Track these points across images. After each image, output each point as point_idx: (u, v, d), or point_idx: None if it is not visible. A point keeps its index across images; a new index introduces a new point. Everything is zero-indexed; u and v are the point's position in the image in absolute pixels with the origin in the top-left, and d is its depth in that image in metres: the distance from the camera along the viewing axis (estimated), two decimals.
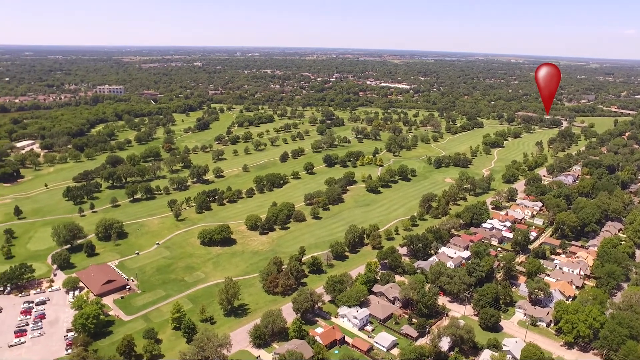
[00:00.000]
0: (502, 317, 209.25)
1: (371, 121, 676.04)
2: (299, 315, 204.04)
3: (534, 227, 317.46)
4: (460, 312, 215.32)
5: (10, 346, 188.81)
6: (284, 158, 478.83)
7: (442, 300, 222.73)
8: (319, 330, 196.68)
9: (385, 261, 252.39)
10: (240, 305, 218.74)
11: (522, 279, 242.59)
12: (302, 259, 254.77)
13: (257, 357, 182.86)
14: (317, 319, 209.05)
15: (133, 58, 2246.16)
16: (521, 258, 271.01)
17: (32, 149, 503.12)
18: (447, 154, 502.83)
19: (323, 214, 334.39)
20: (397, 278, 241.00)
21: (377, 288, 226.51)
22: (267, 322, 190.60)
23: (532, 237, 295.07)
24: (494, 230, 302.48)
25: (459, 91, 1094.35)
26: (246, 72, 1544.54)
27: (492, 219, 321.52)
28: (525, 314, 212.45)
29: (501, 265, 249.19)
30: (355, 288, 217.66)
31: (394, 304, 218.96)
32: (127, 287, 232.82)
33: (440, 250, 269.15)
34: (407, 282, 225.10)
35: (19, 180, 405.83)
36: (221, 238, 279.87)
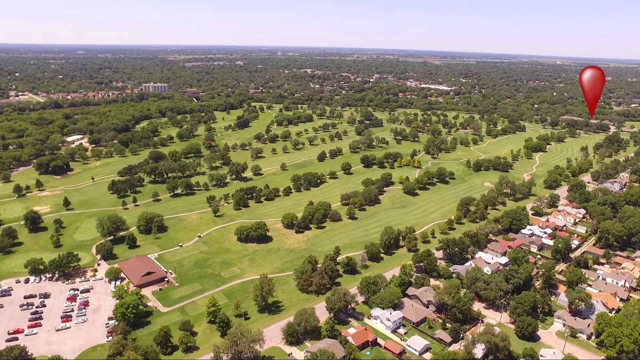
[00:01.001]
0: (539, 326, 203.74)
1: (410, 122, 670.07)
2: (332, 314, 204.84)
3: (576, 235, 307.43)
4: (496, 320, 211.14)
5: (57, 330, 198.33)
6: (321, 157, 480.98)
7: (478, 306, 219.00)
8: (351, 330, 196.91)
9: (421, 264, 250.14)
10: (274, 302, 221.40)
11: (562, 289, 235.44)
12: (337, 258, 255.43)
13: (289, 355, 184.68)
14: (349, 319, 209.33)
15: (177, 57, 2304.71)
16: (561, 267, 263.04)
17: (81, 143, 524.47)
18: (487, 157, 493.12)
19: (359, 214, 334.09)
20: (432, 282, 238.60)
21: (411, 291, 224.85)
22: (300, 320, 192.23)
23: (573, 246, 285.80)
24: (533, 237, 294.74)
25: (500, 93, 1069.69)
26: (286, 71, 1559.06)
27: (532, 225, 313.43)
28: (564, 325, 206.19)
29: (540, 273, 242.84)
30: (389, 290, 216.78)
31: (428, 307, 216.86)
32: (166, 279, 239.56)
33: (477, 255, 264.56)
34: (442, 286, 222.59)
35: (68, 173, 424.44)
36: (257, 235, 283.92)
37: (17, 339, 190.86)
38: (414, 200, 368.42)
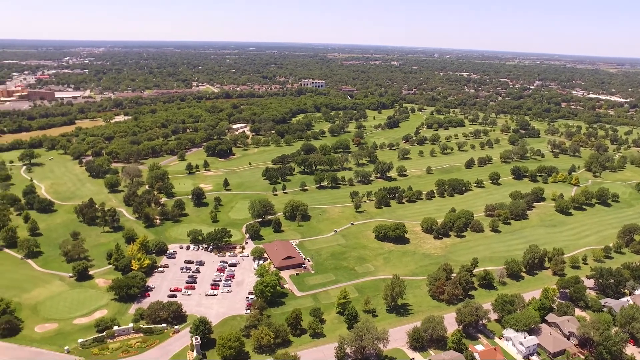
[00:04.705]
0: None
1: (571, 135, 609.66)
2: (460, 327, 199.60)
3: None
4: None
5: (207, 295, 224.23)
6: (469, 164, 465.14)
7: (632, 350, 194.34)
8: (479, 347, 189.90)
9: (566, 290, 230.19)
10: (404, 304, 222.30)
11: None
12: (474, 270, 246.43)
13: (411, 359, 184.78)
14: (479, 335, 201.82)
15: (336, 55, 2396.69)
16: None
17: (244, 131, 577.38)
18: None
19: (503, 227, 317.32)
20: (577, 312, 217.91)
21: (551, 318, 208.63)
22: (427, 326, 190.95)
23: None
24: None
25: None
26: (441, 74, 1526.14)
27: None
28: None
29: None
30: (526, 312, 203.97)
31: (569, 339, 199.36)
32: (303, 265, 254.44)
33: (637, 292, 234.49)
34: (589, 319, 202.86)
35: (230, 157, 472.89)
36: (395, 235, 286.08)
37: (175, 296, 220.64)
38: (567, 220, 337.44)
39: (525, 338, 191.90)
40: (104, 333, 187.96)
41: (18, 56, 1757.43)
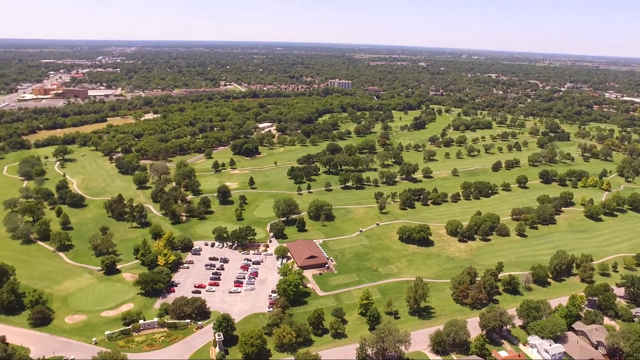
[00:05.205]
0: None
1: (603, 139, 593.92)
2: (484, 332, 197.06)
3: None
4: None
5: (230, 292, 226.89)
6: (496, 167, 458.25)
7: None
8: (502, 353, 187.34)
9: (594, 298, 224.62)
10: (426, 307, 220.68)
11: None
12: (498, 275, 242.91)
13: None
14: (502, 341, 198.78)
15: (363, 55, 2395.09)
16: None
17: (270, 131, 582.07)
18: None
19: (529, 232, 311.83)
20: (606, 321, 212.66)
21: (578, 326, 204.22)
22: (450, 330, 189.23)
23: None
24: None
25: None
26: (469, 75, 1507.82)
27: None
28: None
29: None
30: (552, 319, 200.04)
31: (596, 349, 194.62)
32: (326, 265, 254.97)
33: None
34: (619, 329, 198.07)
35: (256, 155, 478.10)
36: (419, 237, 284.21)
37: (200, 292, 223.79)
38: (596, 226, 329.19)
39: (550, 346, 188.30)
40: (130, 326, 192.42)
41: (55, 55, 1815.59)
